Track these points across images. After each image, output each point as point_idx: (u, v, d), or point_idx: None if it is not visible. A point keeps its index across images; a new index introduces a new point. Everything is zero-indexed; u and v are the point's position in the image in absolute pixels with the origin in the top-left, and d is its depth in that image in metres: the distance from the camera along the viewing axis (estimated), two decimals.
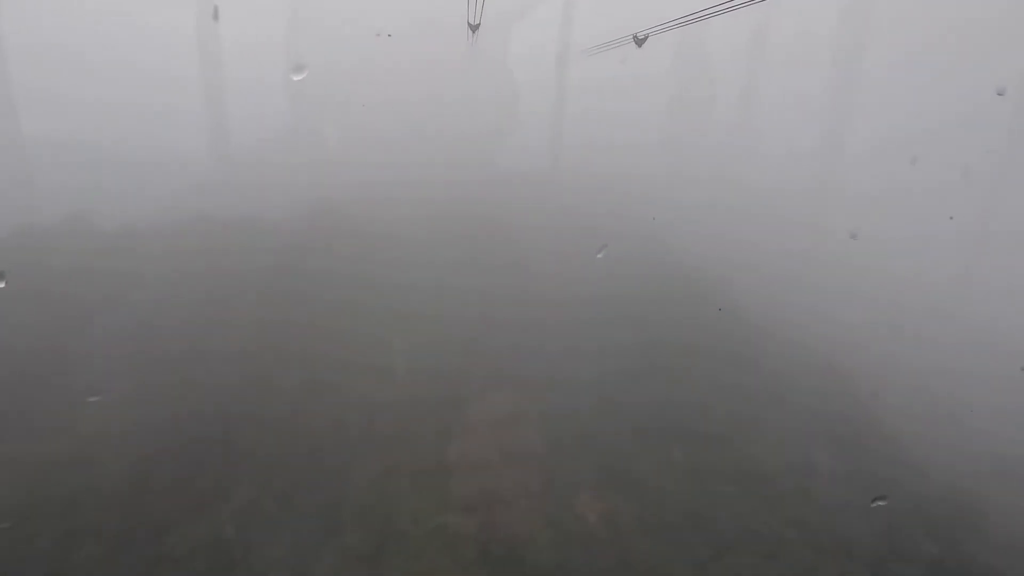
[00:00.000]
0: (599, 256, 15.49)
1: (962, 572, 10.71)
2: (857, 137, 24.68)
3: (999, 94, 19.82)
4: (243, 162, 25.04)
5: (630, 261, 18.78)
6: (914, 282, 20.62)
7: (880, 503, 10.69)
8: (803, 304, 18.93)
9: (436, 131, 26.75)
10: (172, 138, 23.65)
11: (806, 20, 26.46)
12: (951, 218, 20.41)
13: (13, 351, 12.50)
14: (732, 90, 29.54)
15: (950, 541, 11.19)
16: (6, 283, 10.73)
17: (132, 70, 24.44)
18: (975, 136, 21.79)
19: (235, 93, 26.92)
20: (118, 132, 22.52)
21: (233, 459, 10.85)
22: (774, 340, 17.58)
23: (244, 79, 27.20)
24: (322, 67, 27.56)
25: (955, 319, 19.64)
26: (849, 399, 15.86)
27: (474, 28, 16.83)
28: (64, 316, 13.68)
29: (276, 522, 9.63)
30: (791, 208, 23.50)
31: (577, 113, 29.19)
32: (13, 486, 9.72)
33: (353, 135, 28.59)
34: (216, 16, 21.36)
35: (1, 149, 20.87)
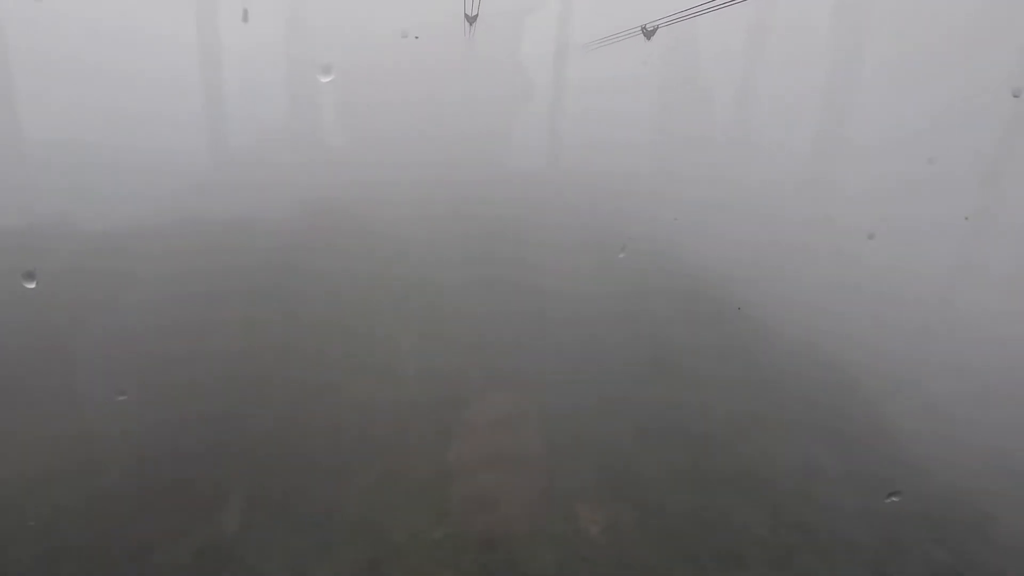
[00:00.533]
0: (621, 256, 15.37)
1: None
2: (860, 134, 24.59)
3: (1015, 96, 19.58)
4: (242, 162, 24.91)
5: (632, 260, 18.69)
6: (917, 277, 20.58)
7: (893, 499, 10.57)
8: (806, 301, 18.86)
9: (435, 129, 26.61)
10: (171, 139, 23.52)
11: (807, 16, 26.39)
12: (966, 218, 20.30)
13: (7, 352, 12.31)
14: (733, 87, 29.41)
15: (958, 545, 11.05)
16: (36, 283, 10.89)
17: (131, 72, 24.32)
18: (974, 131, 21.73)
19: (234, 94, 26.80)
20: (118, 134, 22.40)
21: (225, 466, 10.60)
22: (778, 337, 17.50)
23: (243, 80, 27.10)
24: (321, 67, 27.39)
25: (959, 313, 19.60)
26: (855, 398, 15.75)
27: (472, 20, 16.57)
28: (60, 317, 13.49)
29: (267, 534, 9.35)
30: (792, 205, 23.42)
31: (578, 110, 29.02)
32: None
33: (352, 135, 28.49)
34: (246, 18, 21.13)
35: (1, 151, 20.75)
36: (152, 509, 9.42)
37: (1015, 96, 19.02)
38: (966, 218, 20.11)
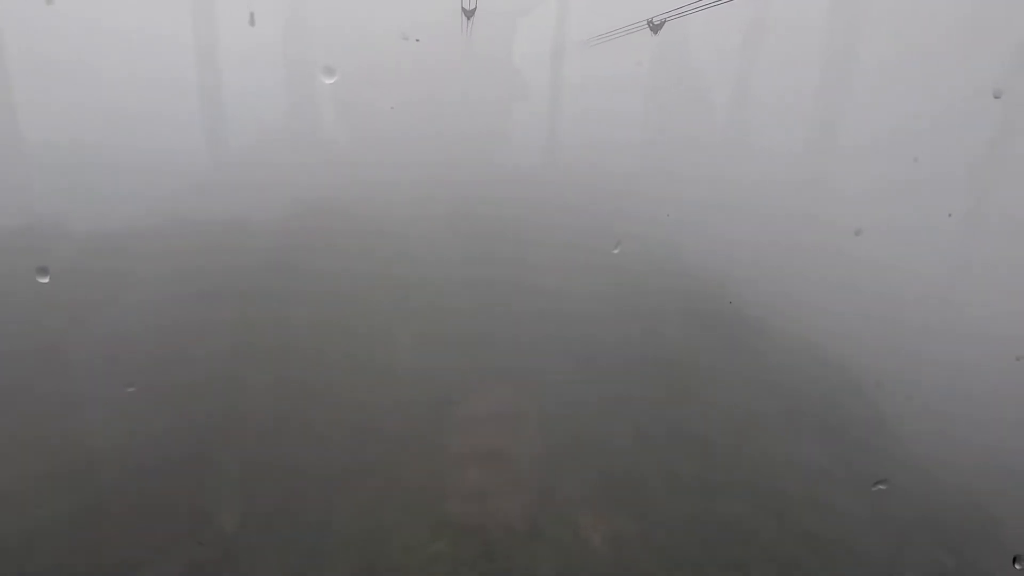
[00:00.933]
0: (615, 252, 15.27)
1: None
2: (859, 133, 24.54)
3: (996, 97, 19.53)
4: (241, 163, 24.75)
5: (632, 260, 18.61)
6: (913, 276, 20.57)
7: (880, 487, 10.54)
8: (804, 301, 18.85)
9: (433, 128, 26.46)
10: (169, 140, 23.37)
11: (807, 15, 26.29)
12: (949, 215, 20.28)
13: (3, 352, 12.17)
14: (732, 87, 29.27)
15: (958, 546, 11.18)
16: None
17: (129, 72, 24.17)
18: (971, 130, 21.72)
19: (232, 95, 26.62)
20: (116, 134, 22.25)
21: (213, 477, 10.35)
22: (778, 337, 17.56)
23: (241, 81, 26.88)
24: (318, 67, 27.24)
25: (955, 311, 19.59)
26: (856, 399, 15.80)
27: (469, 14, 16.23)
28: (58, 318, 13.19)
29: (262, 541, 9.17)
30: (791, 205, 23.36)
31: (577, 109, 28.81)
32: None
33: (350, 135, 28.30)
34: (252, 22, 20.80)
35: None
36: (145, 517, 9.19)
37: (996, 97, 18.91)
38: (949, 215, 20.05)
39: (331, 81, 13.99)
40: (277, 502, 9.82)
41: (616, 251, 15.15)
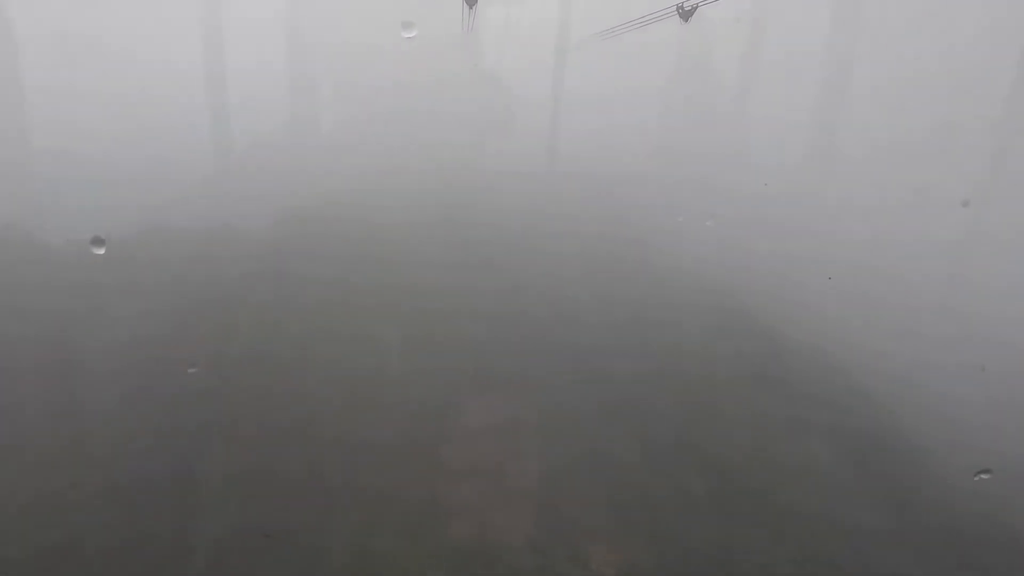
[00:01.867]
0: (708, 224, 14.72)
1: None
2: (869, 140, 24.55)
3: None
4: (231, 171, 24.32)
5: (635, 265, 18.24)
6: (921, 283, 20.50)
7: (983, 476, 10.06)
8: (814, 310, 18.56)
9: (429, 129, 26.11)
10: (160, 148, 22.96)
11: (804, 21, 26.22)
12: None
13: None
14: (731, 94, 29.17)
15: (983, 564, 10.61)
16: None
17: (115, 81, 23.84)
18: (969, 136, 21.77)
19: (223, 104, 26.25)
20: (110, 141, 21.91)
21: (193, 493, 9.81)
22: (784, 344, 17.10)
23: (235, 86, 26.52)
24: (312, 68, 26.67)
25: (962, 314, 19.57)
26: (868, 405, 15.32)
27: (471, 4, 15.51)
28: (49, 326, 12.84)
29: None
30: (792, 213, 23.30)
31: (575, 110, 28.53)
32: None
33: (344, 136, 27.97)
34: None
35: None
36: (108, 543, 8.58)
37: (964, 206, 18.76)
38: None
39: (410, 35, 12.87)
40: (263, 518, 9.37)
41: (709, 223, 14.60)
